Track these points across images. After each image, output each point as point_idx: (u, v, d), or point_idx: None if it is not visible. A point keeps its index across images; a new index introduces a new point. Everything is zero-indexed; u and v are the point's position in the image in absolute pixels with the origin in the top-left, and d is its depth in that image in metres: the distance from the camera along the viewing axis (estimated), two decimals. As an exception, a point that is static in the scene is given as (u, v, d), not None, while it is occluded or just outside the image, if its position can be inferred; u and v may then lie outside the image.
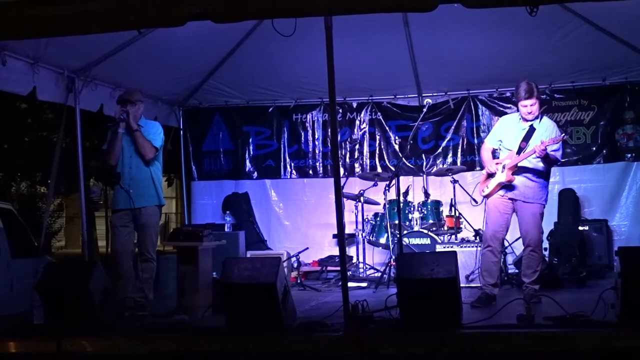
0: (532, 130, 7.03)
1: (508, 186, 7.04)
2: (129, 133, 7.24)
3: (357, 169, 11.07)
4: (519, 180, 7.02)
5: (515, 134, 7.12)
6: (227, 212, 10.83)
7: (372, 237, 9.81)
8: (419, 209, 9.65)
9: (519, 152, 7.00)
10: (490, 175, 7.18)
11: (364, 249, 9.94)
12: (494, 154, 7.40)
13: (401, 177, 8.24)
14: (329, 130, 10.64)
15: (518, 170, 7.01)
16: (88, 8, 4.99)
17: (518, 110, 7.18)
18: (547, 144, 6.77)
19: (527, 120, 7.06)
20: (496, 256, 7.16)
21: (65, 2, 5.02)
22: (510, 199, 7.07)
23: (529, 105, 6.97)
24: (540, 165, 7.03)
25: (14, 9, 5.05)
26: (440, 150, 10.87)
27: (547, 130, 7.04)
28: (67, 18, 5.03)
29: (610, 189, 10.22)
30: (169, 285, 8.32)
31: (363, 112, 11.13)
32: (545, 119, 7.22)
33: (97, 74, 8.57)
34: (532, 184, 7.03)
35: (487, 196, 7.25)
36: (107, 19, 5.03)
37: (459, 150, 10.80)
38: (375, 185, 9.90)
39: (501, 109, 10.47)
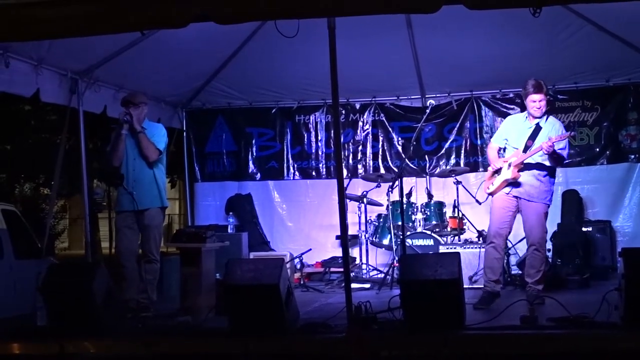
0: (538, 128, 7.03)
1: (513, 183, 7.04)
2: (133, 135, 7.25)
3: (360, 170, 11.08)
4: (524, 178, 7.01)
5: (522, 132, 7.11)
6: (230, 213, 10.82)
7: (375, 239, 9.80)
8: (422, 210, 9.65)
9: (525, 151, 7.00)
10: (496, 172, 7.18)
11: (367, 250, 9.94)
12: (500, 153, 7.39)
13: (404, 179, 8.22)
14: (332, 131, 10.65)
15: (524, 168, 7.01)
16: (89, 9, 4.98)
17: (522, 111, 7.18)
18: (554, 140, 6.77)
19: (534, 118, 7.05)
20: (499, 253, 7.16)
21: (66, 3, 5.02)
22: (515, 196, 7.07)
23: (537, 101, 6.97)
24: (546, 164, 7.02)
25: (14, 10, 5.05)
26: (443, 151, 10.87)
27: (553, 129, 7.03)
28: (68, 19, 5.03)
29: (614, 190, 10.20)
30: (172, 286, 8.35)
31: (366, 114, 11.13)
32: (551, 118, 7.22)
33: (100, 76, 8.58)
34: (537, 183, 7.03)
35: (492, 193, 7.24)
36: (109, 21, 5.02)
37: (462, 151, 10.79)
38: (378, 186, 9.91)
39: (504, 110, 10.46)
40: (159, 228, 7.41)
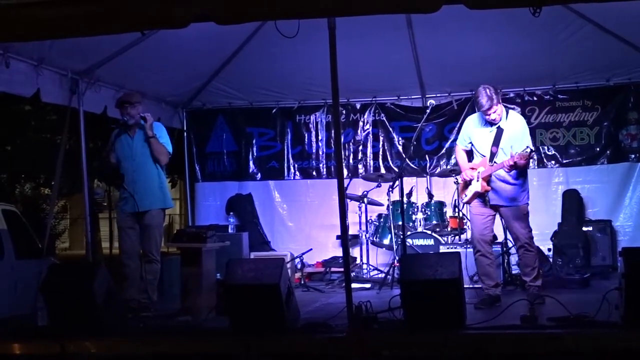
0: (500, 131, 6.95)
1: (488, 193, 7.00)
2: (145, 139, 7.25)
3: (361, 170, 11.08)
4: (496, 186, 6.97)
5: (484, 137, 7.04)
6: (231, 213, 10.83)
7: (376, 238, 9.81)
8: (423, 209, 9.65)
9: (491, 159, 6.93)
10: (468, 182, 7.15)
11: (367, 250, 9.94)
12: (469, 154, 7.35)
13: (405, 178, 8.24)
14: (333, 131, 10.65)
15: (494, 177, 6.95)
16: (90, 10, 4.98)
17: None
18: (515, 159, 6.61)
19: (493, 124, 7.00)
20: (489, 258, 7.16)
21: (66, 3, 5.01)
22: (491, 205, 7.05)
23: (492, 113, 6.89)
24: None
25: (14, 10, 5.04)
26: (443, 151, 10.87)
27: (515, 129, 6.93)
28: (68, 20, 5.03)
29: (614, 190, 10.21)
30: (172, 286, 8.35)
31: (366, 113, 11.14)
32: (511, 114, 7.10)
33: (101, 76, 8.59)
34: (510, 187, 6.98)
35: (467, 203, 7.25)
36: (110, 21, 5.02)
37: (463, 151, 10.79)
38: (378, 186, 9.90)
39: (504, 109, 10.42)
40: (159, 228, 7.41)
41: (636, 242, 9.43)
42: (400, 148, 11.00)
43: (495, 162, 6.89)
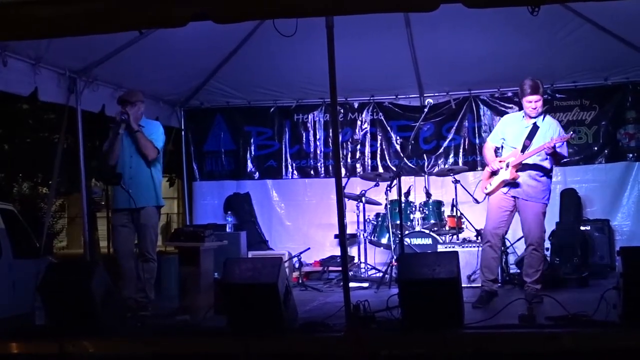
0: (535, 128, 7.03)
1: (511, 183, 7.04)
2: (130, 134, 7.24)
3: (359, 169, 11.08)
4: (522, 178, 7.01)
5: (519, 132, 7.11)
6: (229, 212, 10.83)
7: (374, 238, 9.80)
8: (421, 209, 9.65)
9: (523, 150, 6.99)
10: (494, 173, 7.18)
11: (365, 249, 9.93)
12: (496, 152, 7.40)
13: (402, 178, 8.24)
14: (331, 130, 10.64)
15: (522, 168, 7.01)
16: (88, 8, 4.97)
17: (520, 109, 7.18)
18: (555, 141, 6.78)
19: (530, 118, 7.06)
20: (496, 252, 7.18)
21: (66, 2, 5.00)
22: (512, 196, 7.07)
23: (533, 102, 6.97)
24: (544, 164, 7.02)
25: (13, 9, 5.03)
26: (441, 150, 10.87)
27: (550, 129, 7.04)
28: (68, 18, 5.02)
29: (612, 189, 10.21)
30: (170, 285, 8.35)
31: (364, 113, 11.13)
32: (548, 117, 7.21)
33: (99, 75, 8.57)
34: (535, 183, 7.03)
35: (489, 193, 7.25)
36: (109, 20, 5.01)
37: (461, 150, 10.79)
38: (376, 185, 9.90)
39: (502, 109, 10.45)
40: (155, 227, 7.39)
41: (634, 241, 9.43)
42: (398, 147, 11.00)
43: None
